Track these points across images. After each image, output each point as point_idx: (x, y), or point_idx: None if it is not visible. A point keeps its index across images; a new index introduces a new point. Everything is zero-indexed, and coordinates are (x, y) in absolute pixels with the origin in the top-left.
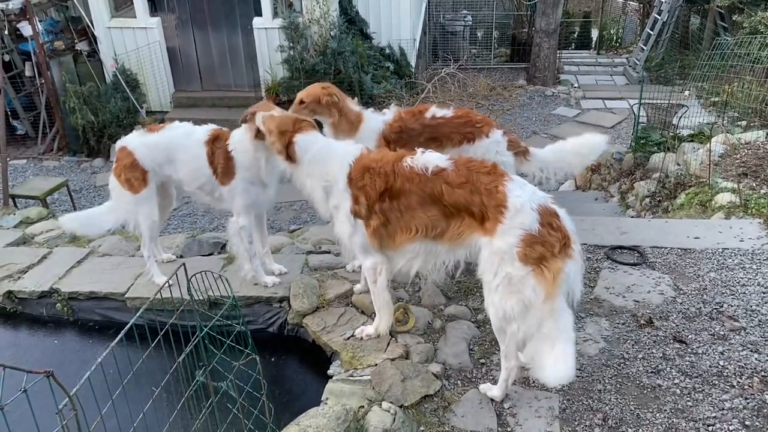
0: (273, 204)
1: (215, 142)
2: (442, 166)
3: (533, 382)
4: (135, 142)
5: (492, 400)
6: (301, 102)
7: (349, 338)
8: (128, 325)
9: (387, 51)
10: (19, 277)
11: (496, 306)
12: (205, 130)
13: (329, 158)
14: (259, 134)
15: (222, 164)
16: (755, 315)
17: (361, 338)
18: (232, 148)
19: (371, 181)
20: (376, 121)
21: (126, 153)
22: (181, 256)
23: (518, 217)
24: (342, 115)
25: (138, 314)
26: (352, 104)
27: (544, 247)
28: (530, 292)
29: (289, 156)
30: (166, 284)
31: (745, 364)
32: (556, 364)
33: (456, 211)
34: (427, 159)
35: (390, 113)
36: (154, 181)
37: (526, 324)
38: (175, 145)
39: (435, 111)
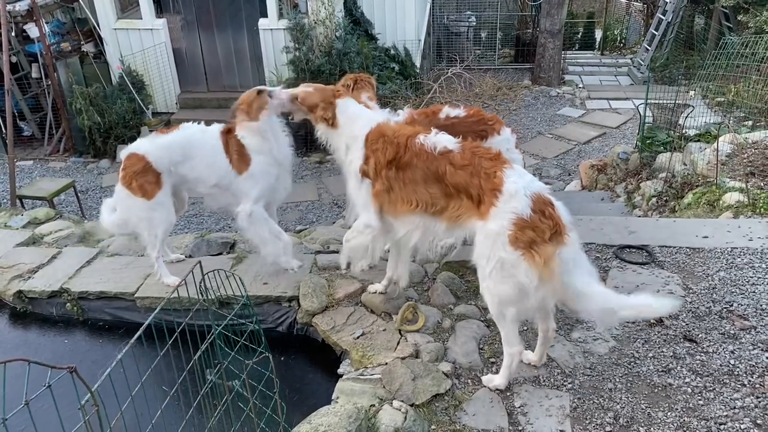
0: (289, 191)
1: (229, 133)
2: (450, 147)
3: (544, 380)
4: (146, 146)
5: (503, 399)
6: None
7: (358, 337)
8: (146, 323)
9: (392, 52)
10: (29, 277)
11: (491, 292)
12: (219, 125)
13: (358, 118)
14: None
15: (237, 151)
16: (765, 314)
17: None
18: (240, 135)
19: (383, 147)
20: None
21: (136, 159)
22: (190, 256)
23: (511, 201)
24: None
25: (155, 313)
26: (364, 96)
27: (534, 232)
28: (524, 276)
29: (333, 121)
30: (182, 283)
31: (756, 362)
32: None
33: (456, 192)
34: (438, 139)
35: (402, 114)
36: (168, 183)
37: (525, 307)
38: (191, 142)
39: (448, 111)
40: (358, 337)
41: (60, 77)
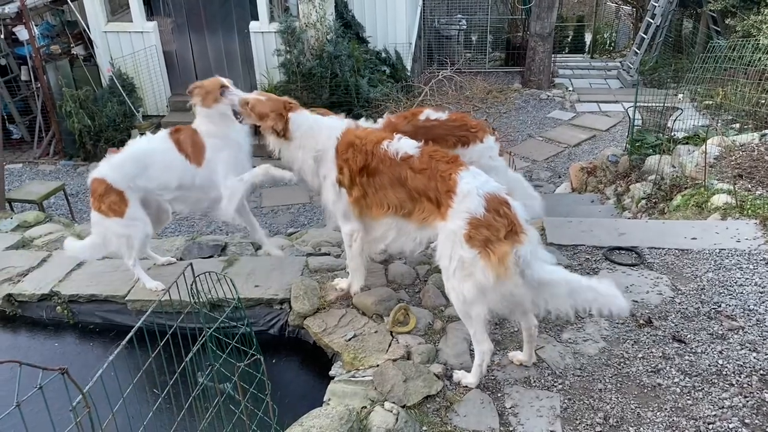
0: (251, 159)
1: (177, 132)
2: (410, 153)
3: (534, 381)
4: (104, 168)
5: (494, 400)
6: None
7: (350, 339)
8: (137, 326)
9: (383, 55)
10: (19, 281)
11: (456, 291)
12: (164, 130)
13: (319, 130)
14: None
15: (191, 144)
16: (753, 314)
17: (337, 292)
18: (195, 126)
19: (353, 155)
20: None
21: (98, 182)
22: (181, 259)
23: (465, 201)
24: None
25: (146, 316)
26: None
27: (489, 230)
28: (481, 275)
29: (284, 133)
30: (167, 289)
31: (743, 362)
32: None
33: (418, 196)
34: (400, 145)
35: (380, 123)
36: (133, 198)
37: (487, 305)
38: (141, 153)
39: (429, 113)
40: (349, 339)
41: (49, 80)
